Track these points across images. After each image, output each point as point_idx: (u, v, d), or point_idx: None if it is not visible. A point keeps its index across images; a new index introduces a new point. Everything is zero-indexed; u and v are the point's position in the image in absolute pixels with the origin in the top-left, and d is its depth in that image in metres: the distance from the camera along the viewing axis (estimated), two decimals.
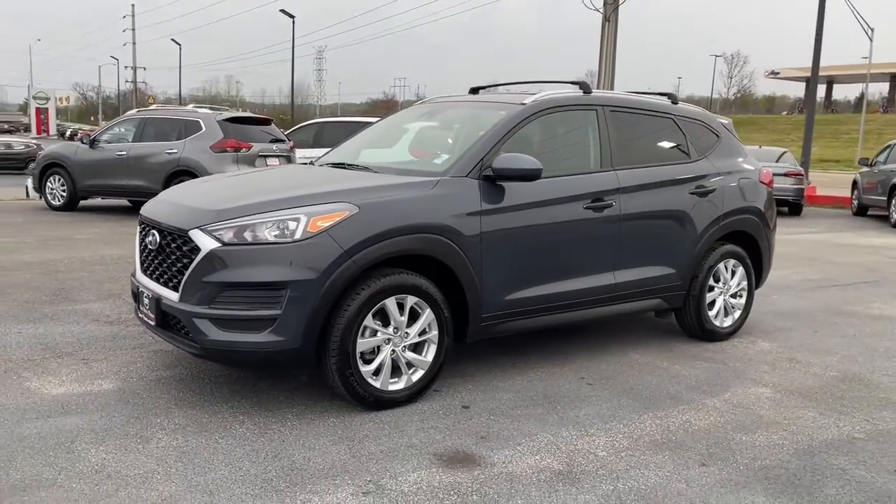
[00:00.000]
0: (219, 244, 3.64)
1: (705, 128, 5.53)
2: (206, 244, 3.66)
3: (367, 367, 3.81)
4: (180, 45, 63.84)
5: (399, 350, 3.91)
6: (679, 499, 3.09)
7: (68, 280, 6.79)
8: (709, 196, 5.26)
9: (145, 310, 4.04)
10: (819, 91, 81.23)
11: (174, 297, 3.78)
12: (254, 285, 3.59)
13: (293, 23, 40.26)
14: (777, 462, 3.48)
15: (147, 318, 4.03)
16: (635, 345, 5.31)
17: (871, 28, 32.55)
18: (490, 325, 4.28)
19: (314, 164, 5.09)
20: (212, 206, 3.84)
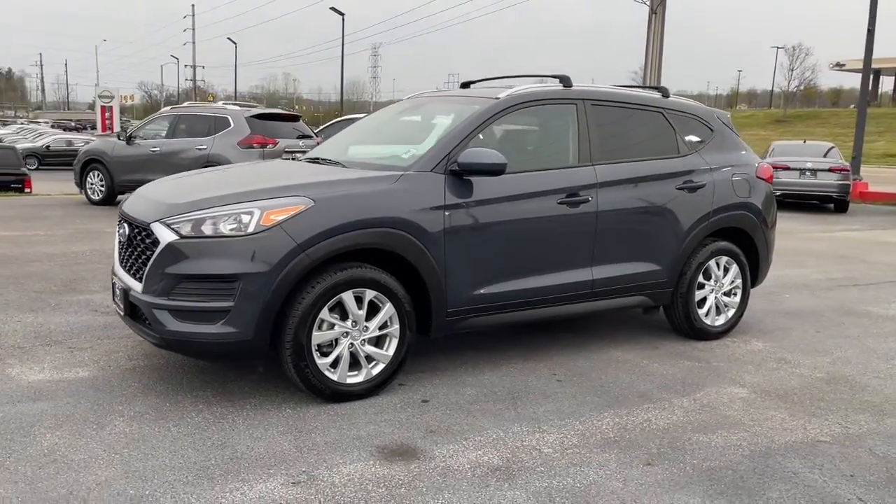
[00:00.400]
0: (177, 237, 3.73)
1: (698, 121, 5.40)
2: (165, 237, 3.75)
3: (324, 360, 3.86)
4: (236, 43, 65.16)
5: (358, 344, 3.94)
6: (611, 497, 3.05)
7: (82, 272, 7.02)
8: (698, 191, 5.14)
9: (117, 300, 4.16)
10: (887, 84, 78.20)
11: (139, 287, 3.89)
12: (208, 277, 3.67)
13: (343, 20, 40.72)
14: (727, 463, 3.39)
15: (118, 309, 4.16)
16: (620, 342, 5.24)
17: None
18: (456, 320, 4.27)
19: (296, 158, 5.16)
20: (173, 200, 3.94)
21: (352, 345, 3.93)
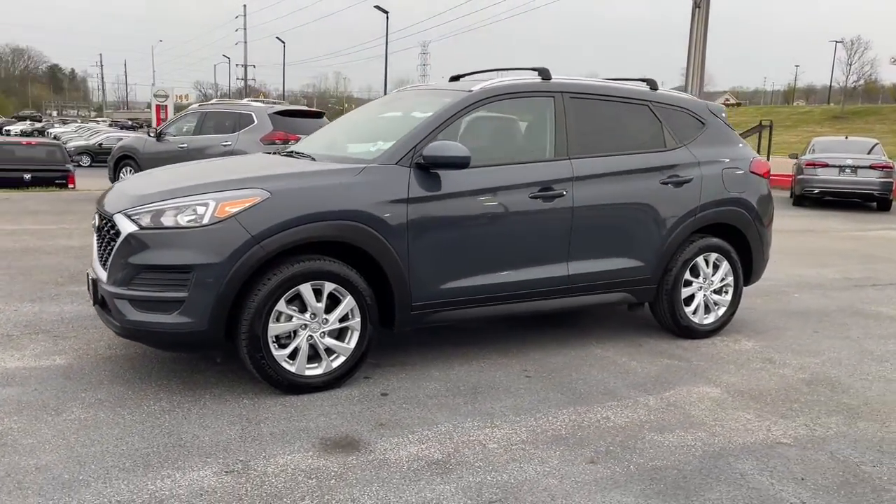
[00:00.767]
0: (136, 227, 3.79)
1: (688, 115, 5.27)
2: (125, 227, 3.82)
3: (282, 352, 3.88)
4: (284, 42, 66.11)
5: (317, 336, 3.95)
6: (541, 494, 3.00)
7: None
8: (684, 186, 5.02)
9: (89, 290, 4.26)
10: None
11: (105, 277, 3.97)
12: (163, 268, 3.72)
13: (387, 18, 40.95)
14: (674, 463, 3.31)
15: (90, 298, 4.25)
16: (604, 339, 5.15)
17: None
18: (422, 314, 4.25)
19: (275, 153, 5.20)
20: (137, 192, 4.01)
21: (311, 337, 3.94)
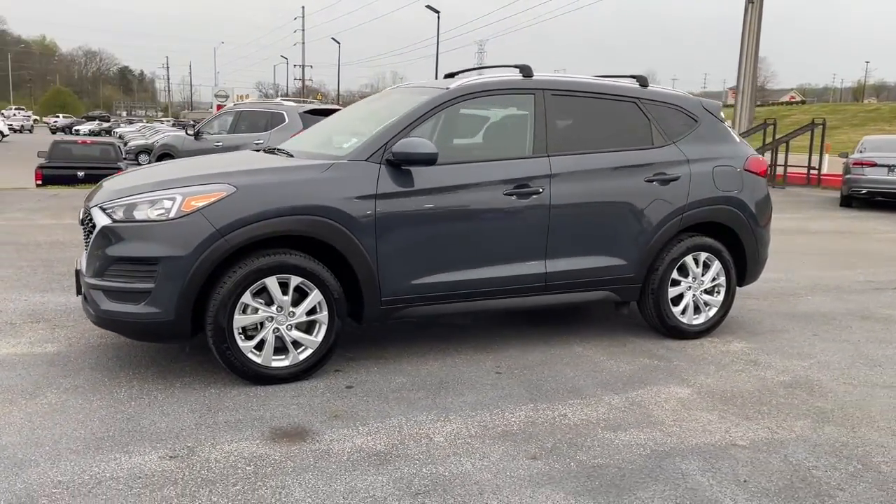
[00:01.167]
0: (110, 221, 3.94)
1: (680, 112, 5.18)
2: (101, 220, 3.98)
3: (248, 343, 3.98)
4: (339, 43, 66.94)
5: (284, 329, 4.04)
6: (471, 487, 3.02)
7: None
8: (670, 184, 4.94)
9: (76, 281, 4.43)
10: None
11: (84, 268, 4.14)
12: (132, 260, 3.86)
13: (438, 17, 41.09)
14: (617, 462, 3.28)
15: (76, 288, 4.43)
16: (589, 337, 5.11)
17: None
18: (391, 308, 4.30)
19: (260, 150, 5.30)
20: (114, 187, 4.16)
21: (277, 329, 4.03)
